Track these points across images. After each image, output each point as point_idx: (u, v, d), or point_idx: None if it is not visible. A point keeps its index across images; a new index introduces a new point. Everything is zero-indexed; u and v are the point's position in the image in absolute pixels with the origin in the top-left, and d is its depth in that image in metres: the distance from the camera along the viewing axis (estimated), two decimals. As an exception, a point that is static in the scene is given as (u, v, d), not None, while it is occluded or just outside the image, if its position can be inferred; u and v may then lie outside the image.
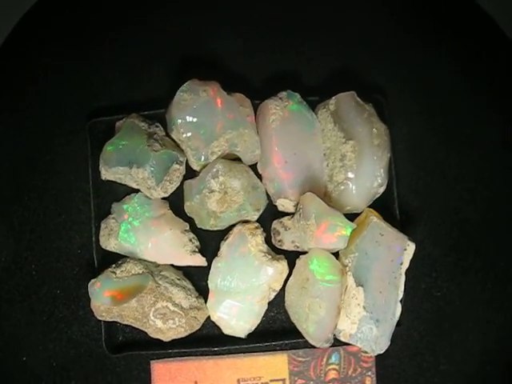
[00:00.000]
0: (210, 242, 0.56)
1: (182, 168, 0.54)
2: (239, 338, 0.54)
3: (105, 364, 0.57)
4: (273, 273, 0.53)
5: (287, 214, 0.54)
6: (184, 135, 0.53)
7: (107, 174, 0.55)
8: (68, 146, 0.58)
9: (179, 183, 0.54)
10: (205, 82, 0.53)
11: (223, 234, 0.55)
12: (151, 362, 0.56)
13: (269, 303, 0.54)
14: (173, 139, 0.54)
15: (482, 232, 0.56)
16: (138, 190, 0.55)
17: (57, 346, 0.57)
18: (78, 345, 0.57)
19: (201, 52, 0.59)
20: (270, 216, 0.55)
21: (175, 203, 0.56)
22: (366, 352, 0.54)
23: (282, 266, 0.53)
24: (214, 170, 0.53)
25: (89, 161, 0.57)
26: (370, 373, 0.55)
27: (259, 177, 0.54)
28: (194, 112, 0.53)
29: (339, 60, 0.58)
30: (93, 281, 0.54)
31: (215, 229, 0.54)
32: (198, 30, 0.59)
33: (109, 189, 0.57)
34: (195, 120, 0.53)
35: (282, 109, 0.53)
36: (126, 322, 0.54)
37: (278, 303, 0.55)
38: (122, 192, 0.56)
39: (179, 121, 0.53)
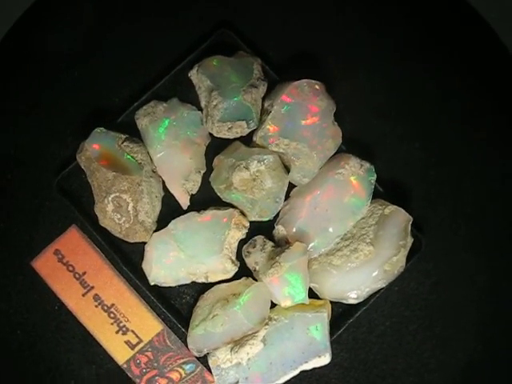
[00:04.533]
0: (204, 198, 0.56)
1: (246, 130, 0.54)
2: (146, 279, 0.54)
3: (42, 187, 0.57)
4: (220, 267, 0.53)
5: (274, 241, 0.54)
6: (271, 112, 0.53)
7: (194, 75, 0.55)
8: (190, 32, 0.59)
9: (232, 138, 0.55)
10: (329, 97, 0.53)
11: (219, 203, 0.55)
12: (72, 225, 0.56)
13: (192, 283, 0.54)
14: (263, 105, 0.55)
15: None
16: (200, 109, 0.56)
17: (25, 144, 0.58)
18: (38, 157, 0.57)
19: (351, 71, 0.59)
20: (261, 229, 0.55)
21: (213, 148, 0.56)
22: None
23: (231, 269, 0.53)
24: (265, 157, 0.53)
25: (192, 54, 0.57)
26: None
27: (287, 196, 0.54)
28: (297, 105, 0.53)
29: (419, 176, 0.58)
30: (101, 129, 0.54)
31: (218, 194, 0.54)
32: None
33: (183, 85, 0.57)
34: (291, 112, 0.53)
35: (353, 172, 0.53)
36: (90, 181, 0.54)
37: (198, 289, 0.55)
38: (188, 98, 0.57)
39: (281, 100, 0.53)
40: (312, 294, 0.53)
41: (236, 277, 0.54)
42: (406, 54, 0.59)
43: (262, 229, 0.55)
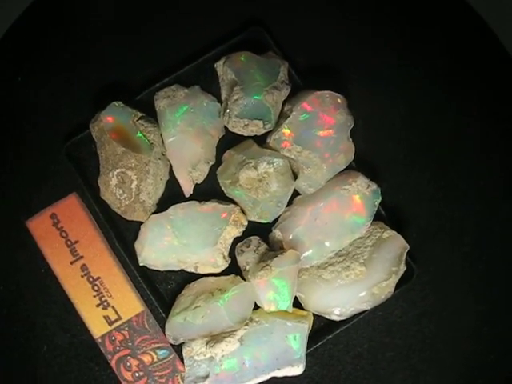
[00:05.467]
0: (207, 190, 0.56)
1: (261, 130, 0.54)
2: (135, 258, 0.54)
3: (50, 150, 0.57)
4: (211, 260, 0.53)
5: (268, 244, 0.54)
6: (289, 117, 0.53)
7: (220, 67, 0.55)
8: (224, 26, 0.59)
9: (246, 135, 0.55)
10: (348, 112, 0.53)
11: (222, 197, 0.55)
12: (73, 192, 0.56)
13: (180, 270, 0.54)
14: (282, 108, 0.55)
15: None
16: (220, 101, 0.56)
17: (43, 105, 0.58)
18: (53, 119, 0.58)
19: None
20: (258, 230, 0.55)
21: (226, 142, 0.56)
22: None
23: (221, 264, 0.53)
24: (275, 160, 0.53)
25: (222, 45, 0.57)
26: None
27: (290, 202, 0.54)
28: (315, 115, 0.53)
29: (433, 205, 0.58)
30: (119, 103, 0.54)
31: (222, 188, 0.54)
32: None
33: (208, 75, 0.57)
34: (308, 121, 0.53)
35: (358, 191, 0.53)
36: (98, 152, 0.54)
37: (185, 278, 0.55)
38: (210, 88, 0.57)
39: (301, 107, 0.53)
40: (296, 304, 0.53)
41: (225, 273, 0.54)
42: (431, 83, 0.59)
43: (259, 230, 0.55)
